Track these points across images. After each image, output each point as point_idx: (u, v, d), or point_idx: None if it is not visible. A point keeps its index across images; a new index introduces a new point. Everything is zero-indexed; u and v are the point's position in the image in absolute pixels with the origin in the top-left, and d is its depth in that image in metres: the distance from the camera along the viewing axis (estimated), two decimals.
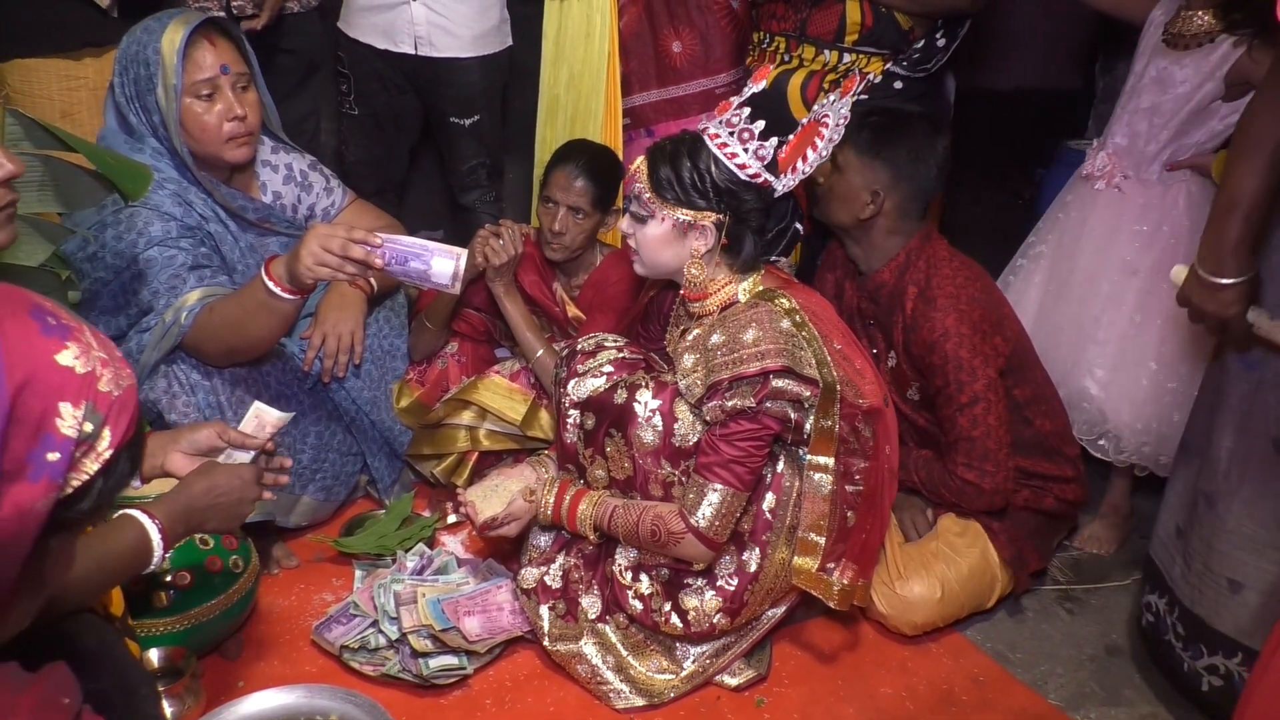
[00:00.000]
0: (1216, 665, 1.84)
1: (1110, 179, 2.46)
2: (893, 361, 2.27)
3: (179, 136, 2.11)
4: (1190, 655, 1.89)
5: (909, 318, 2.19)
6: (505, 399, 2.47)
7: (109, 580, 1.38)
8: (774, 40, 2.74)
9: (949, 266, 2.22)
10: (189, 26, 2.07)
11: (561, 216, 2.45)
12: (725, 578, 1.96)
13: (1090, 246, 2.49)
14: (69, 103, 2.57)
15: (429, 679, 1.93)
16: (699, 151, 1.89)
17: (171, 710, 1.74)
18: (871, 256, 2.29)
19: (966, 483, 2.16)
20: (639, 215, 1.94)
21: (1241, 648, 1.79)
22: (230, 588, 1.93)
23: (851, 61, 2.66)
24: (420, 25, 2.81)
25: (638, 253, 1.98)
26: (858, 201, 2.22)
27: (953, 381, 2.13)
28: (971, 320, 2.14)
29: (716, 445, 1.88)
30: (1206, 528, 1.84)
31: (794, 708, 1.96)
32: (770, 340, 1.83)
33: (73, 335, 0.88)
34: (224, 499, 1.54)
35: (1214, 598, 1.83)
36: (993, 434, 2.14)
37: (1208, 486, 1.84)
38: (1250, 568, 1.76)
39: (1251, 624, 1.77)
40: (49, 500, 0.85)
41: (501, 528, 2.07)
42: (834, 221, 2.30)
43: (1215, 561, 1.82)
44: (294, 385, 2.30)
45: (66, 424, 0.85)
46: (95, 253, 2.09)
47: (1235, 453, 1.78)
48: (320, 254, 1.87)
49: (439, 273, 1.88)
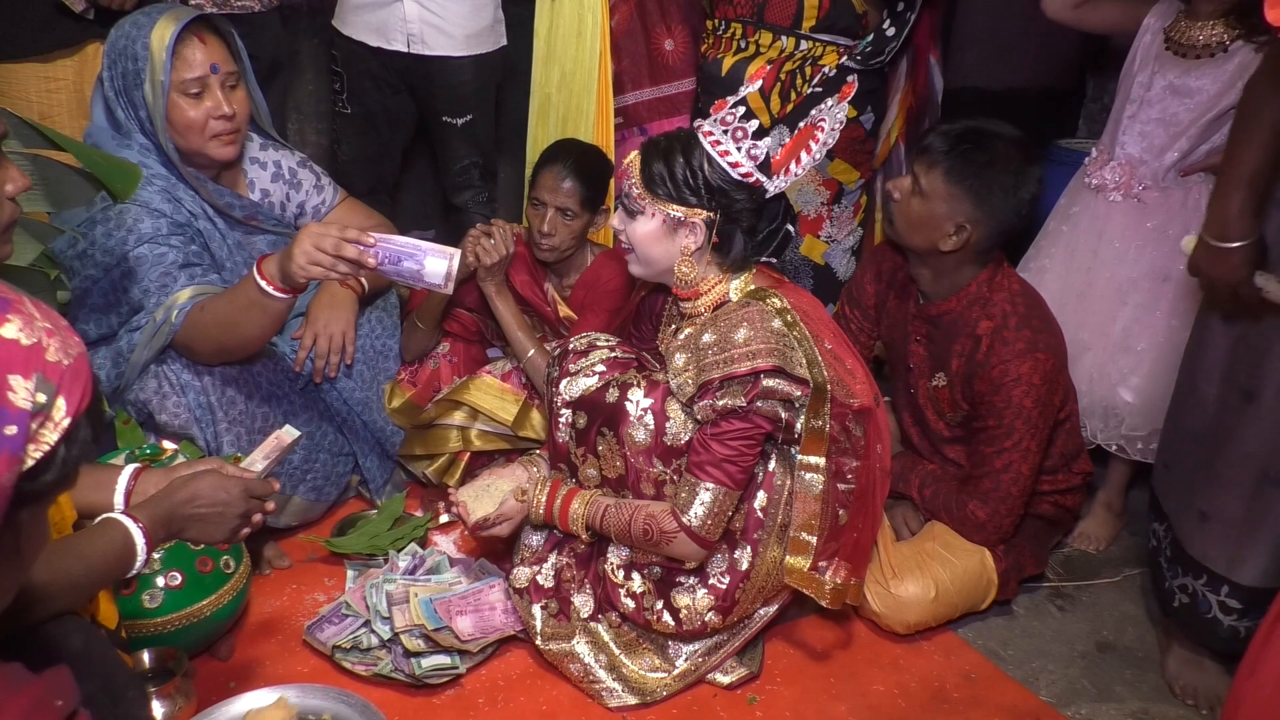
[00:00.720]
0: (1186, 585, 2.00)
1: (1127, 190, 2.44)
2: (941, 382, 2.23)
3: (165, 132, 2.10)
4: (1170, 575, 2.05)
5: (982, 353, 2.12)
6: (497, 399, 2.46)
7: (94, 583, 1.37)
8: (730, 26, 2.72)
9: (1024, 304, 2.15)
10: (179, 23, 2.05)
11: (550, 218, 2.44)
12: (717, 576, 1.96)
13: (1110, 258, 2.46)
14: (48, 105, 2.56)
15: (421, 679, 1.92)
16: (692, 148, 1.89)
17: (162, 711, 1.73)
18: (940, 284, 2.19)
19: (973, 517, 2.16)
20: (630, 210, 1.94)
21: (1205, 570, 1.95)
22: (221, 588, 1.92)
23: (808, 49, 2.66)
24: (413, 23, 2.80)
25: (632, 250, 1.97)
26: (939, 231, 2.10)
27: (1006, 425, 2.10)
28: (1044, 371, 2.09)
29: (708, 444, 1.88)
30: (1189, 464, 2.00)
31: (786, 705, 1.97)
32: (761, 340, 1.83)
33: (13, 308, 0.87)
34: (205, 510, 1.51)
35: (1189, 526, 1.98)
36: (1021, 482, 2.14)
37: (1195, 427, 1.99)
38: (1218, 501, 1.91)
39: (1214, 550, 1.93)
40: (12, 474, 0.84)
41: (494, 528, 2.07)
42: (909, 245, 2.18)
43: (1192, 494, 1.97)
44: (285, 385, 2.30)
45: (19, 397, 0.84)
46: (85, 250, 2.08)
47: (1216, 399, 1.94)
48: (313, 253, 1.87)
49: (432, 273, 1.87)
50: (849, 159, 2.78)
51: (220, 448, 2.11)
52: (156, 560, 1.86)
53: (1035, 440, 2.13)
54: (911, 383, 2.33)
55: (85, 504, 1.52)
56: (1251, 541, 1.88)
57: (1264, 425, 1.84)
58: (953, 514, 2.20)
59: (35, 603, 1.27)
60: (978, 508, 2.16)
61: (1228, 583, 1.92)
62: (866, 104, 2.77)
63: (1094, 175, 2.51)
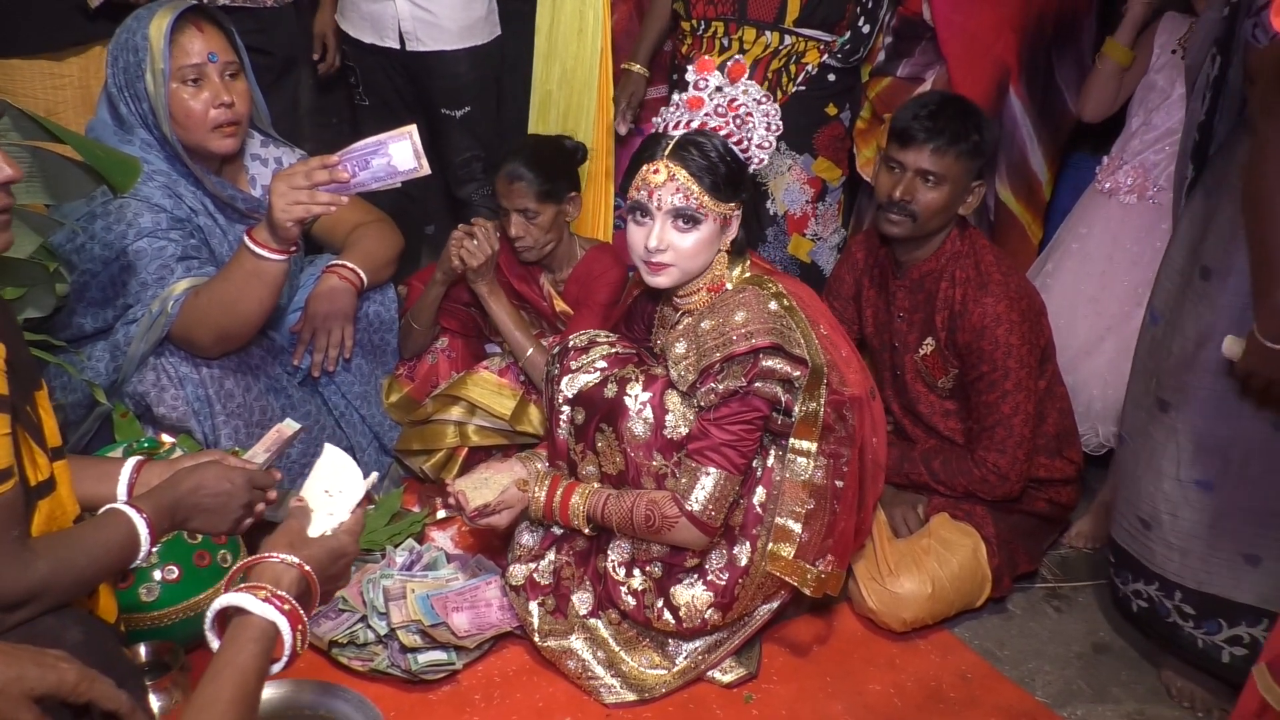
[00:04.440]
0: (1126, 577, 2.05)
1: (1142, 193, 2.45)
2: (929, 349, 2.28)
3: (168, 124, 2.10)
4: (1120, 580, 2.07)
5: (958, 303, 2.21)
6: (494, 394, 2.46)
7: (97, 574, 1.37)
8: (710, 26, 2.70)
9: (993, 254, 2.26)
10: (175, 12, 2.07)
11: (515, 221, 2.43)
12: (716, 572, 1.96)
13: (1125, 261, 2.48)
14: (53, 101, 2.55)
15: (418, 674, 1.92)
16: (714, 141, 1.88)
17: (159, 704, 1.73)
18: (923, 249, 2.28)
19: (991, 469, 2.19)
20: (691, 219, 1.87)
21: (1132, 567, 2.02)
22: (219, 582, 1.92)
23: (792, 45, 2.65)
24: (405, 20, 2.79)
25: (674, 264, 1.90)
26: (959, 201, 2.22)
27: (1000, 366, 2.16)
28: (1021, 308, 2.18)
29: (708, 430, 1.88)
30: (1120, 464, 2.08)
31: (782, 704, 1.97)
32: (759, 320, 1.85)
33: None
34: (210, 500, 1.51)
35: (1127, 527, 2.02)
36: (1030, 421, 2.19)
37: (1123, 428, 2.08)
38: (1148, 502, 1.95)
39: (1141, 550, 1.99)
40: None
41: (492, 516, 2.05)
42: (932, 230, 2.24)
43: (1124, 490, 2.04)
44: (283, 379, 2.29)
45: None
46: (84, 244, 2.07)
47: (1133, 399, 2.02)
48: (289, 193, 1.88)
49: (402, 159, 1.88)
50: (831, 157, 2.78)
51: (218, 441, 2.11)
52: (154, 554, 1.85)
53: (1031, 378, 2.19)
54: (898, 363, 2.36)
55: (87, 496, 1.51)
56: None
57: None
58: (969, 475, 2.22)
59: (38, 595, 1.27)
60: (997, 458, 2.19)
61: (1180, 588, 1.93)
62: (845, 102, 2.77)
63: (1107, 179, 2.52)
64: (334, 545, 1.36)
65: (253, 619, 1.19)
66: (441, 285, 2.49)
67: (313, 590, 1.29)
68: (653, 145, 1.91)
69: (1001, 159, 2.75)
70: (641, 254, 1.91)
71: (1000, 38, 2.65)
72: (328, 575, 1.33)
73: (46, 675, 1.14)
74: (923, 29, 2.70)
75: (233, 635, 1.18)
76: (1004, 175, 2.78)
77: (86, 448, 2.11)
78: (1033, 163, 2.75)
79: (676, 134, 1.89)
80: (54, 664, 1.15)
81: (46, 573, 1.27)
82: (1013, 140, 2.74)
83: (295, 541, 1.32)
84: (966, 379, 2.24)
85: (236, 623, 1.20)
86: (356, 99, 3.02)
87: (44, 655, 1.16)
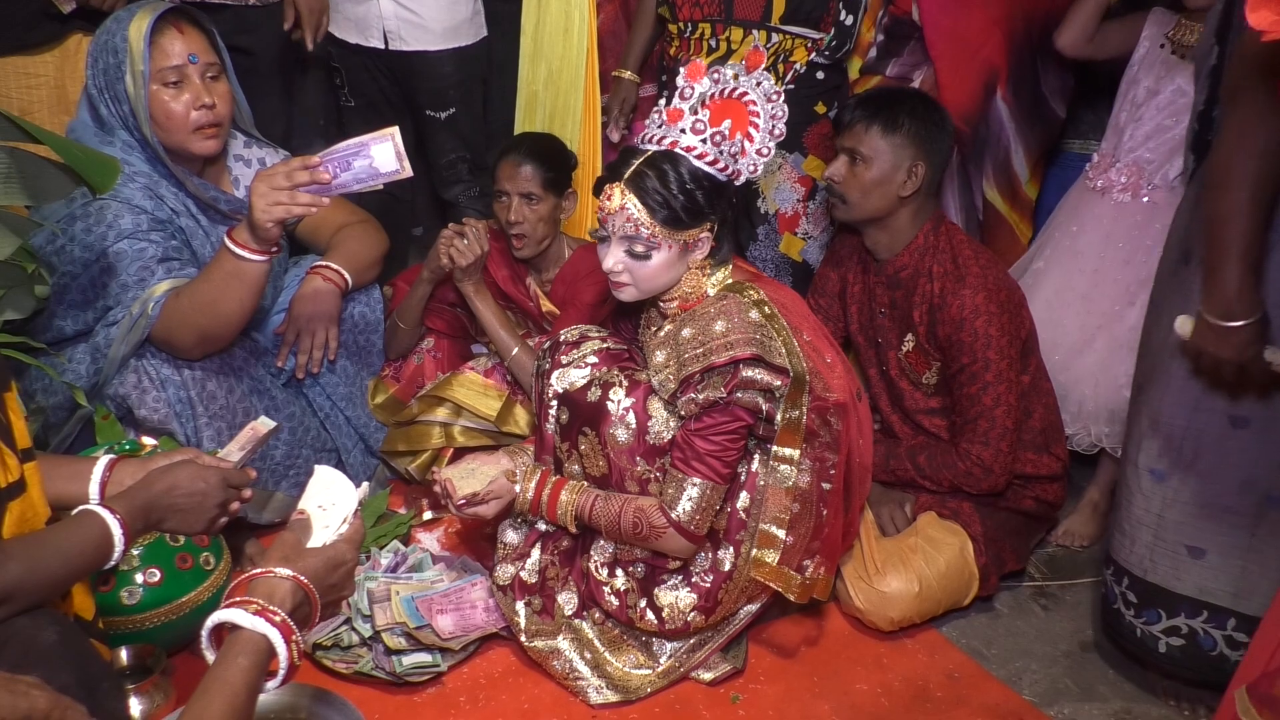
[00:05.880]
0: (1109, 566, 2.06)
1: (1135, 191, 2.46)
2: (909, 345, 2.29)
3: (149, 126, 2.09)
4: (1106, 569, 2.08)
5: (936, 296, 2.21)
6: (480, 395, 2.45)
7: (71, 575, 1.36)
8: (697, 28, 2.69)
9: (970, 247, 2.27)
10: (155, 13, 2.06)
11: (515, 206, 2.44)
12: (700, 575, 1.95)
13: (1117, 259, 2.47)
14: (28, 101, 2.53)
15: (403, 676, 1.92)
16: (679, 169, 1.82)
17: (140, 708, 1.72)
18: (895, 241, 2.29)
19: (976, 462, 2.19)
20: (641, 252, 1.86)
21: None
22: (201, 584, 1.91)
23: (779, 43, 2.65)
24: (389, 20, 2.79)
25: (632, 285, 1.90)
26: (894, 183, 2.22)
27: (980, 358, 2.17)
28: (999, 300, 2.18)
29: (691, 440, 1.87)
30: None
31: (769, 704, 1.96)
32: (739, 330, 1.84)
33: None
34: (184, 500, 1.50)
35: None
36: (1012, 412, 2.20)
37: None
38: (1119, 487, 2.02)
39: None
40: None
41: (479, 506, 2.02)
42: (870, 213, 2.26)
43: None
44: (267, 380, 2.28)
45: None
46: (64, 246, 2.06)
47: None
48: (270, 194, 1.87)
49: (384, 160, 1.88)
50: (821, 155, 2.78)
51: (200, 443, 2.09)
52: (135, 556, 1.85)
53: (1012, 369, 2.20)
54: (883, 359, 2.37)
55: (59, 495, 1.50)
56: None
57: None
58: (954, 470, 2.22)
59: (11, 597, 1.26)
60: (980, 450, 2.19)
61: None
62: (834, 100, 2.78)
63: (1099, 178, 2.52)
64: (331, 555, 1.35)
65: (244, 633, 1.19)
66: (428, 284, 2.49)
67: (312, 601, 1.29)
68: (619, 162, 1.90)
69: (988, 160, 2.76)
70: (604, 269, 1.93)
71: (988, 41, 2.65)
72: (327, 585, 1.33)
73: (18, 703, 1.12)
74: (912, 29, 2.70)
75: (224, 651, 1.19)
76: (990, 176, 2.79)
77: (68, 451, 2.10)
78: (1014, 162, 2.76)
79: (648, 149, 1.85)
80: (25, 691, 1.14)
81: (19, 575, 1.26)
82: (998, 142, 2.75)
83: (290, 554, 1.32)
84: (948, 372, 2.24)
85: (229, 638, 1.20)
86: (341, 100, 3.01)
87: (16, 683, 1.15)
